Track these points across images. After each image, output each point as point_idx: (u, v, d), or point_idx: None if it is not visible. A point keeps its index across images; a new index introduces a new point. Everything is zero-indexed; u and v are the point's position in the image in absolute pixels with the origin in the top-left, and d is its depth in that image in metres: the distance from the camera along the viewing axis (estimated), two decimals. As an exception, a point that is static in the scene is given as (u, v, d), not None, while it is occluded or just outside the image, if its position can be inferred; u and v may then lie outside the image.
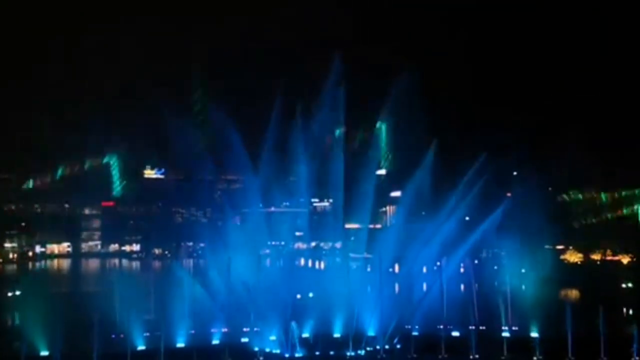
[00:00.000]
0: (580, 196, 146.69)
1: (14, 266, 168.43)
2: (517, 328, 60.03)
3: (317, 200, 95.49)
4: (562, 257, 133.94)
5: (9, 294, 78.89)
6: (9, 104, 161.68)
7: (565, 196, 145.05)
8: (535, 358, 53.74)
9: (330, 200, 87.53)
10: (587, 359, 52.36)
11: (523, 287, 68.12)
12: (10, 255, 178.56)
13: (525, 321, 58.90)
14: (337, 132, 76.36)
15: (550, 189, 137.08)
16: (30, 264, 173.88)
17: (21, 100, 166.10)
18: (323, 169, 74.73)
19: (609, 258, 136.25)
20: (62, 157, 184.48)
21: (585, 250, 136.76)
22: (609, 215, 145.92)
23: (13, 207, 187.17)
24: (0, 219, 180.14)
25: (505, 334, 58.15)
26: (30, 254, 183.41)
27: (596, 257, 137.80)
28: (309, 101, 74.69)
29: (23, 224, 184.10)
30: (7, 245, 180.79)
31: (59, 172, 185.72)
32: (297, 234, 79.57)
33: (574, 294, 77.13)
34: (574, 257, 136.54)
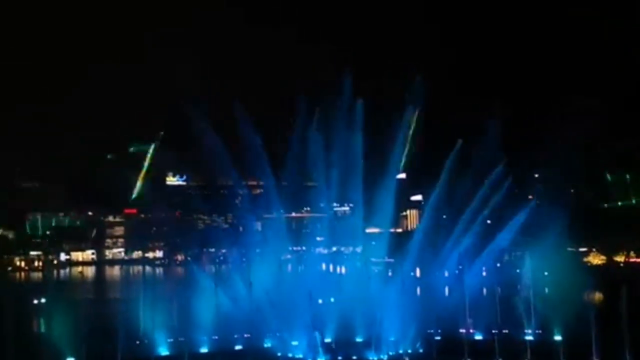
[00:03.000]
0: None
1: (40, 274, 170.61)
2: (540, 331, 59.66)
3: (337, 205, 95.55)
4: (585, 259, 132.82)
5: (35, 302, 79.86)
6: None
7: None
8: (558, 361, 53.32)
9: (351, 205, 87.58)
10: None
11: (546, 290, 67.62)
12: (36, 263, 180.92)
13: (548, 324, 58.48)
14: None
15: (572, 190, 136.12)
16: (55, 272, 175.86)
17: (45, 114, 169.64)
18: (343, 174, 74.96)
19: (632, 260, 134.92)
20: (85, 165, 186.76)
21: (609, 253, 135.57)
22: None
23: (39, 216, 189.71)
24: (25, 227, 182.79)
25: (529, 338, 57.78)
26: (55, 261, 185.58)
27: (619, 259, 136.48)
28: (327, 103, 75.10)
29: (48, 232, 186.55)
30: (33, 253, 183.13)
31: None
32: (318, 238, 79.78)
33: (597, 296, 76.30)
34: (597, 259, 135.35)
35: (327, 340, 59.15)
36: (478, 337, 59.80)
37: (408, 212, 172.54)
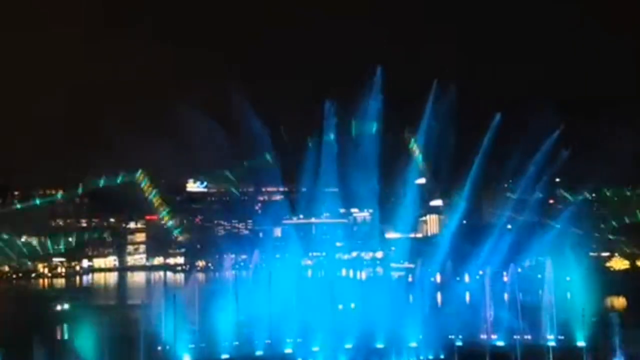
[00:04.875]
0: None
1: (63, 280, 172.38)
2: (563, 337, 59.12)
3: (357, 210, 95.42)
4: (607, 264, 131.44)
5: (58, 308, 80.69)
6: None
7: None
8: (582, 367, 52.82)
9: (371, 211, 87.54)
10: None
11: (568, 295, 67.05)
12: (59, 270, 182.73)
13: (571, 330, 57.97)
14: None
15: (594, 195, 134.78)
16: (78, 278, 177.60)
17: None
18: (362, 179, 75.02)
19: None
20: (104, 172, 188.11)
21: (632, 257, 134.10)
22: None
23: (61, 223, 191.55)
24: (49, 234, 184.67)
25: (551, 344, 57.30)
26: (78, 268, 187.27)
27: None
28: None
29: (70, 239, 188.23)
30: (56, 259, 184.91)
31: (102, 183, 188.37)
32: (338, 244, 79.82)
33: (620, 302, 75.52)
34: (619, 264, 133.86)
35: (347, 346, 59.13)
36: (500, 343, 59.40)
37: (428, 217, 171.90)
